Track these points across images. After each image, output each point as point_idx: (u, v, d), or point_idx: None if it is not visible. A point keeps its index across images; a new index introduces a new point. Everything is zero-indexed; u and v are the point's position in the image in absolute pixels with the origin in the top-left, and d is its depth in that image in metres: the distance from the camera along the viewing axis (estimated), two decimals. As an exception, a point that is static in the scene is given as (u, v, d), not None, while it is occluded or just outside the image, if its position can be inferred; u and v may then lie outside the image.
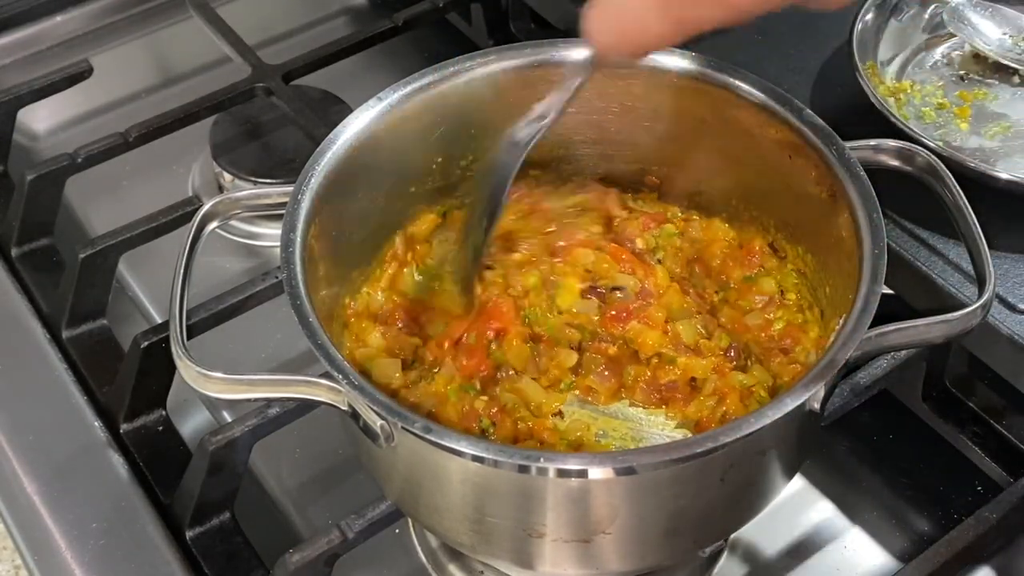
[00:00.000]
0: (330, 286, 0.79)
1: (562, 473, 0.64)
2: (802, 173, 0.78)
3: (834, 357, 0.67)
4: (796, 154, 0.78)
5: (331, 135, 0.79)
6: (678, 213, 0.88)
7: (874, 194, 0.74)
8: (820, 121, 0.77)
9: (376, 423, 0.67)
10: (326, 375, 0.68)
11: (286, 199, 0.75)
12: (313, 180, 0.76)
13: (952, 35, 1.00)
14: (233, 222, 1.11)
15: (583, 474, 0.64)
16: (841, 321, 0.70)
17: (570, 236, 0.85)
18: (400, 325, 0.81)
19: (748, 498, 0.73)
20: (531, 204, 0.86)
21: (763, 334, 0.81)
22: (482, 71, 0.83)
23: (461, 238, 0.82)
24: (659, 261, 0.85)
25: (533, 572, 0.76)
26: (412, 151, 0.84)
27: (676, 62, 0.82)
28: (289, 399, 0.77)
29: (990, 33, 1.00)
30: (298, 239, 0.73)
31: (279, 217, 0.75)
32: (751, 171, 0.83)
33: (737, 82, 0.80)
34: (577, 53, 0.82)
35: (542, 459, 0.64)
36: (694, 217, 0.88)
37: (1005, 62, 0.99)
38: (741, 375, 0.78)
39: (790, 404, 0.65)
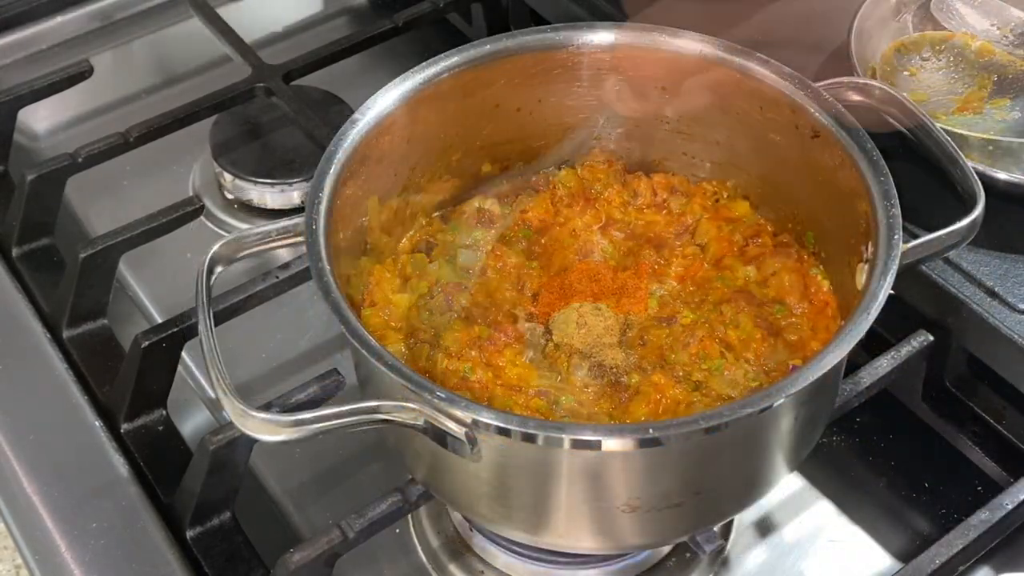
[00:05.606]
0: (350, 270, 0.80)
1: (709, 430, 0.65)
2: (785, 119, 0.80)
3: (880, 284, 0.68)
4: (767, 106, 0.81)
5: (354, 116, 0.79)
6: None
7: (856, 123, 0.76)
8: (788, 69, 0.81)
9: (460, 432, 0.66)
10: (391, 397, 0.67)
11: (289, 237, 0.75)
12: (333, 169, 0.76)
13: (950, 34, 1.01)
14: (232, 221, 1.11)
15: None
16: (870, 248, 0.71)
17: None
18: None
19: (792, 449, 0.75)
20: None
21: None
22: (504, 53, 0.84)
23: None
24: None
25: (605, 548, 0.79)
26: (434, 133, 0.85)
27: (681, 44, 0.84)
28: (353, 426, 0.70)
29: (977, 24, 1.00)
30: (322, 247, 0.73)
31: (277, 213, 0.75)
32: (732, 132, 0.86)
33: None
34: (601, 37, 0.84)
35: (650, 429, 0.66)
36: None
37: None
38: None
39: (854, 336, 0.67)
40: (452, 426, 0.66)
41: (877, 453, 0.92)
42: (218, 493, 0.84)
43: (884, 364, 0.85)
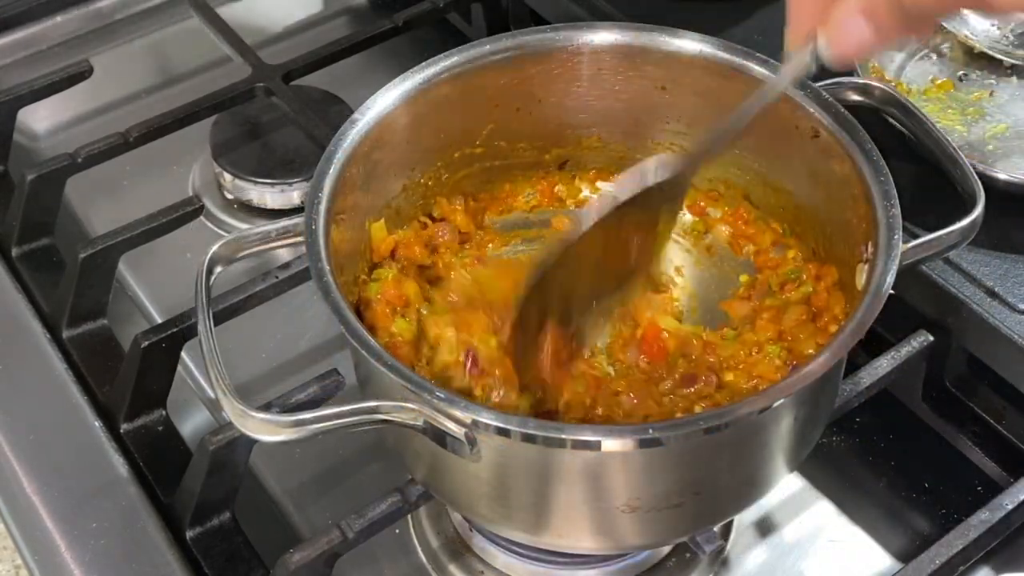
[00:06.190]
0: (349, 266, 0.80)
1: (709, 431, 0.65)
2: (785, 120, 0.80)
3: (880, 284, 0.68)
4: (767, 106, 0.80)
5: (354, 116, 0.79)
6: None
7: (856, 123, 0.76)
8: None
9: (459, 432, 0.66)
10: (389, 397, 0.67)
11: (289, 237, 0.75)
12: (333, 169, 0.76)
13: (951, 35, 1.01)
14: (232, 221, 1.11)
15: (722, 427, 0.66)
16: (869, 248, 0.71)
17: None
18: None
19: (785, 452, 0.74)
20: None
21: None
22: (504, 53, 0.84)
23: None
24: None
25: (607, 548, 0.79)
26: (433, 133, 0.85)
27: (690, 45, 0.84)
28: (353, 426, 0.70)
29: (977, 24, 1.00)
30: (322, 247, 0.72)
31: (277, 213, 0.75)
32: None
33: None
34: (601, 37, 0.84)
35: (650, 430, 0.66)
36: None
37: (992, 53, 0.99)
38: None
39: (854, 336, 0.66)
40: (452, 426, 0.66)
41: (877, 453, 0.92)
42: (218, 493, 0.84)
43: (884, 364, 0.85)
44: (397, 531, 0.87)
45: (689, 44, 0.83)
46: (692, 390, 0.76)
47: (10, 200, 1.08)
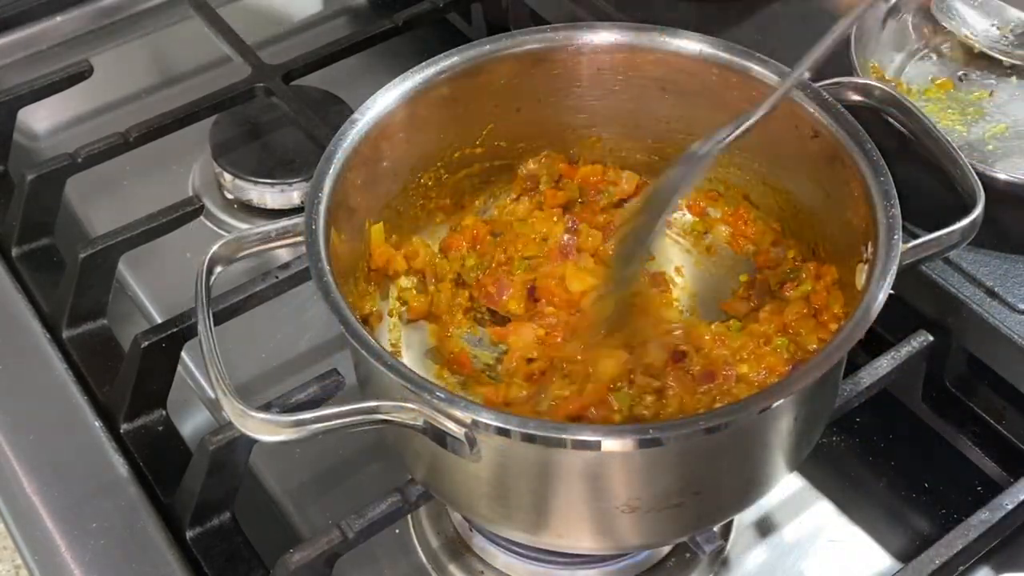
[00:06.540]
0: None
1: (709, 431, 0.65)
2: (785, 120, 0.80)
3: (880, 284, 0.68)
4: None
5: (353, 116, 0.79)
6: None
7: (856, 123, 0.76)
8: (788, 69, 0.80)
9: (459, 432, 0.66)
10: (389, 397, 0.67)
11: (289, 237, 0.75)
12: (332, 169, 0.76)
13: (950, 35, 1.01)
14: (232, 221, 1.11)
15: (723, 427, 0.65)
16: (869, 248, 0.71)
17: None
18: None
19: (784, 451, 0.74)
20: None
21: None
22: (504, 53, 0.84)
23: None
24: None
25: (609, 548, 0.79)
26: (433, 133, 0.85)
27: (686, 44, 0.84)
28: (353, 426, 0.69)
29: (977, 24, 1.00)
30: (322, 247, 0.72)
31: (277, 213, 0.75)
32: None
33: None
34: (601, 37, 0.84)
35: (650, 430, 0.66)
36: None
37: (992, 53, 0.99)
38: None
39: (854, 335, 0.66)
40: (451, 426, 0.66)
41: (877, 453, 0.92)
42: (218, 493, 0.84)
43: (884, 364, 0.85)
44: (397, 531, 0.87)
45: (689, 44, 0.84)
46: (711, 386, 0.76)
47: (10, 200, 1.08)
